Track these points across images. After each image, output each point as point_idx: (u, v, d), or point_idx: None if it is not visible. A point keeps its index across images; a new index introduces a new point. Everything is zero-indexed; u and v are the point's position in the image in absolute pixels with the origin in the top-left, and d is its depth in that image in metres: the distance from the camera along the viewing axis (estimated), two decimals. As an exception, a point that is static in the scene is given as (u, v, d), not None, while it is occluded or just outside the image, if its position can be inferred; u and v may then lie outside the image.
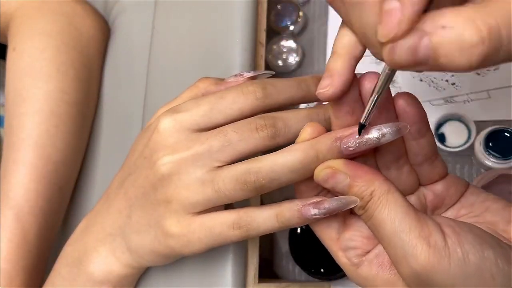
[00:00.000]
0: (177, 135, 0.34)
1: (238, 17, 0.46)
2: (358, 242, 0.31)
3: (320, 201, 0.31)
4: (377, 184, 0.29)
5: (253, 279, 0.41)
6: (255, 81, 0.35)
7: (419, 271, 0.26)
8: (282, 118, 0.33)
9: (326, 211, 0.30)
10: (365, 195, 0.29)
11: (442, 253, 0.26)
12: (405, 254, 0.26)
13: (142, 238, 0.36)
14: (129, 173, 0.37)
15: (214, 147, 0.33)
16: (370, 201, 0.28)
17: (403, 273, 0.27)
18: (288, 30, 0.53)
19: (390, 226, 0.27)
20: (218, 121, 0.34)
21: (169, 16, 0.50)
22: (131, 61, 0.52)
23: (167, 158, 0.34)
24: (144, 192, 0.35)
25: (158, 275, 0.41)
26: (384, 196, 0.28)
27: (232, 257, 0.40)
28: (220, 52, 0.45)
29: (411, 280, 0.27)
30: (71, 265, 0.39)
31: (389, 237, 0.27)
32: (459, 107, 0.47)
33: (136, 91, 0.50)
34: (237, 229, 0.33)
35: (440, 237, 0.26)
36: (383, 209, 0.28)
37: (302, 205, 0.31)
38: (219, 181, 0.32)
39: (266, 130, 0.32)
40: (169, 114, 0.35)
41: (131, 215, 0.36)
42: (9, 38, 0.51)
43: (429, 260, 0.26)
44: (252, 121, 0.33)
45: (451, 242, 0.26)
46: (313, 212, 0.31)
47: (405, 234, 0.27)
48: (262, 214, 0.32)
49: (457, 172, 0.47)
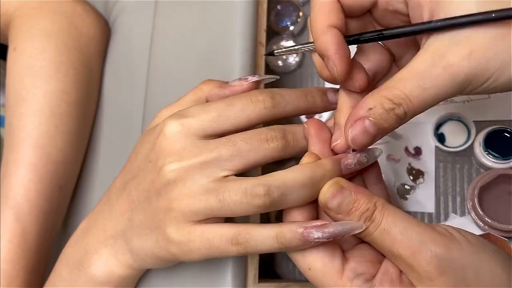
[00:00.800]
0: (184, 140, 0.34)
1: (238, 17, 0.46)
2: (364, 267, 0.31)
3: (324, 224, 0.30)
4: (376, 197, 0.31)
5: (253, 279, 0.41)
6: (264, 90, 0.35)
7: (441, 254, 0.28)
8: (291, 131, 0.34)
9: (330, 235, 0.30)
10: (369, 206, 0.30)
11: (450, 236, 0.29)
12: (423, 241, 0.28)
13: (144, 241, 0.35)
14: (132, 175, 0.37)
15: (223, 156, 0.33)
16: (375, 210, 0.30)
17: (423, 261, 0.28)
18: (288, 30, 0.53)
19: (402, 222, 0.29)
20: (225, 128, 0.34)
21: (169, 16, 0.50)
22: (131, 61, 0.52)
23: (174, 165, 0.33)
24: (148, 196, 0.35)
25: (158, 275, 0.41)
26: (386, 205, 0.30)
27: (232, 257, 0.40)
28: (220, 52, 0.45)
29: (433, 266, 0.28)
30: (72, 266, 0.39)
31: (402, 233, 0.29)
32: (458, 107, 0.47)
33: (136, 91, 0.50)
34: (235, 245, 0.32)
35: (442, 228, 0.29)
36: (390, 213, 0.30)
37: (304, 227, 0.30)
38: (224, 192, 0.32)
39: (277, 142, 0.33)
40: (175, 118, 0.34)
41: (132, 219, 0.36)
42: (10, 38, 0.51)
43: (445, 242, 0.28)
44: (263, 132, 0.33)
45: (448, 228, 0.29)
46: (316, 235, 0.30)
47: (416, 226, 0.29)
48: (261, 232, 0.32)
49: (456, 172, 0.47)
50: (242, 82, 0.37)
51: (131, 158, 0.38)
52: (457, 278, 0.28)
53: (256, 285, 0.41)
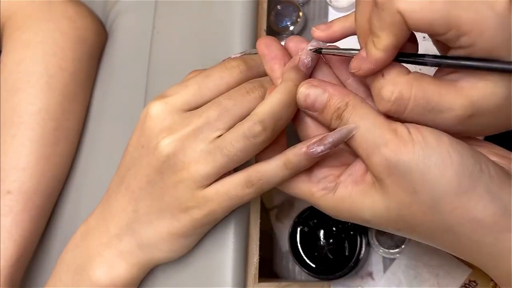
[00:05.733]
0: (171, 117, 0.35)
1: (238, 17, 0.46)
2: (327, 172, 0.34)
3: (322, 137, 0.32)
4: (351, 96, 0.32)
5: (253, 279, 0.41)
6: (236, 57, 0.38)
7: (390, 157, 0.29)
8: (267, 80, 0.36)
9: (331, 145, 0.32)
10: (341, 105, 0.32)
11: (407, 139, 0.29)
12: (377, 144, 0.30)
13: (156, 225, 0.36)
14: (127, 168, 0.37)
15: (212, 117, 0.34)
16: (345, 110, 0.31)
17: (375, 163, 0.30)
18: (288, 30, 0.53)
19: (365, 124, 0.31)
20: (208, 98, 0.35)
21: (169, 16, 0.50)
22: (131, 61, 0.52)
23: (168, 139, 0.34)
24: (149, 180, 0.35)
25: (158, 275, 0.41)
26: (358, 105, 0.32)
27: (232, 256, 0.40)
28: (220, 52, 0.45)
29: (382, 169, 0.30)
30: (73, 271, 0.38)
31: (362, 134, 0.31)
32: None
33: (136, 91, 0.50)
34: (250, 187, 0.34)
35: (405, 129, 0.30)
36: (357, 114, 0.31)
37: (306, 146, 0.32)
38: (226, 145, 0.33)
39: (256, 91, 0.35)
40: (157, 100, 0.36)
41: (137, 209, 0.36)
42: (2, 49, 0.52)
43: (397, 146, 0.29)
44: (242, 86, 0.35)
45: (413, 131, 0.30)
46: (319, 149, 0.32)
47: (377, 128, 0.30)
48: (270, 166, 0.33)
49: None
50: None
51: (124, 153, 0.38)
52: (404, 179, 0.29)
53: (256, 285, 0.41)
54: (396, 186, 0.30)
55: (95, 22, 0.55)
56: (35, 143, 0.47)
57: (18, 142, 0.47)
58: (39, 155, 0.47)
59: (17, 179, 0.46)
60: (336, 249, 0.43)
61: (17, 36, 0.50)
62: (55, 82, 0.49)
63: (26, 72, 0.48)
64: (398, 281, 0.43)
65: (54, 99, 0.49)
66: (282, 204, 0.49)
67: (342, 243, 0.42)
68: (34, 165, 0.47)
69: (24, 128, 0.47)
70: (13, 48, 0.50)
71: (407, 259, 0.43)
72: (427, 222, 0.30)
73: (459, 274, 0.41)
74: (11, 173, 0.46)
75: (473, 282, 0.41)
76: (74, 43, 0.51)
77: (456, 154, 0.29)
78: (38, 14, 0.51)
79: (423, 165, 0.29)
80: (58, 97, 0.49)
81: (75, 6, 0.53)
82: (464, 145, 0.30)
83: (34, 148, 0.47)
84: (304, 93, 0.32)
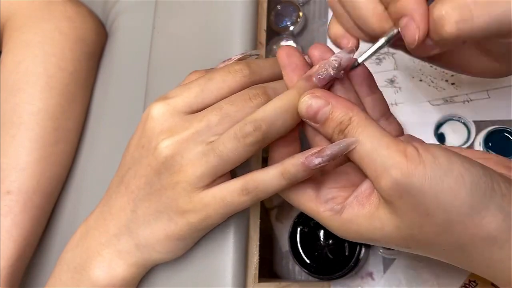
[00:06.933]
0: (172, 118, 0.35)
1: (238, 17, 0.46)
2: (336, 193, 0.33)
3: (321, 149, 0.32)
4: (355, 111, 0.31)
5: (253, 279, 0.41)
6: (240, 61, 0.37)
7: (400, 179, 0.28)
8: (270, 86, 0.35)
9: (329, 157, 0.31)
10: (344, 119, 0.31)
11: (417, 160, 0.28)
12: (386, 167, 0.29)
13: (153, 226, 0.36)
14: (128, 167, 0.37)
15: (212, 122, 0.34)
16: (350, 125, 0.31)
17: (384, 186, 0.29)
18: (288, 30, 0.53)
19: (370, 144, 0.30)
20: (209, 101, 0.35)
21: (169, 16, 0.50)
22: (131, 61, 0.52)
23: (167, 141, 0.34)
24: (147, 181, 0.35)
25: (158, 275, 0.41)
26: (362, 121, 0.31)
27: (232, 257, 0.40)
28: (220, 52, 0.45)
29: (392, 191, 0.29)
30: (73, 271, 0.39)
31: (369, 154, 0.30)
32: (458, 107, 0.47)
33: (136, 91, 0.50)
34: (246, 194, 0.33)
35: (414, 150, 0.29)
36: (362, 131, 0.30)
37: (304, 158, 0.32)
38: (219, 146, 0.33)
39: (259, 98, 0.34)
40: (160, 101, 0.36)
41: (136, 209, 0.36)
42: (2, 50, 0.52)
43: (408, 168, 0.28)
44: (245, 92, 0.35)
45: (422, 151, 0.29)
46: (316, 161, 0.32)
47: (384, 149, 0.29)
48: (267, 175, 0.33)
49: (456, 172, 0.47)
50: (227, 63, 0.38)
51: (124, 153, 0.38)
52: (416, 201, 0.28)
53: (256, 285, 0.41)
54: (407, 208, 0.29)
55: (94, 22, 0.55)
56: (34, 143, 0.47)
57: (17, 142, 0.47)
58: (38, 155, 0.47)
59: (17, 179, 0.46)
60: (336, 249, 0.43)
61: (17, 36, 0.50)
62: (54, 82, 0.49)
63: (26, 72, 0.48)
64: (398, 281, 0.43)
65: (53, 99, 0.49)
66: (282, 204, 0.49)
67: (342, 243, 0.42)
68: (33, 165, 0.47)
69: (24, 128, 0.47)
70: (13, 48, 0.50)
71: (407, 259, 0.43)
72: (439, 241, 0.29)
73: (459, 274, 0.41)
74: (11, 173, 0.46)
75: (473, 282, 0.41)
76: (74, 43, 0.51)
77: (468, 174, 0.28)
78: (38, 14, 0.51)
79: (436, 187, 0.28)
80: (57, 97, 0.49)
81: (74, 6, 0.53)
82: (474, 163, 0.29)
83: (34, 148, 0.47)
84: (306, 102, 0.32)
